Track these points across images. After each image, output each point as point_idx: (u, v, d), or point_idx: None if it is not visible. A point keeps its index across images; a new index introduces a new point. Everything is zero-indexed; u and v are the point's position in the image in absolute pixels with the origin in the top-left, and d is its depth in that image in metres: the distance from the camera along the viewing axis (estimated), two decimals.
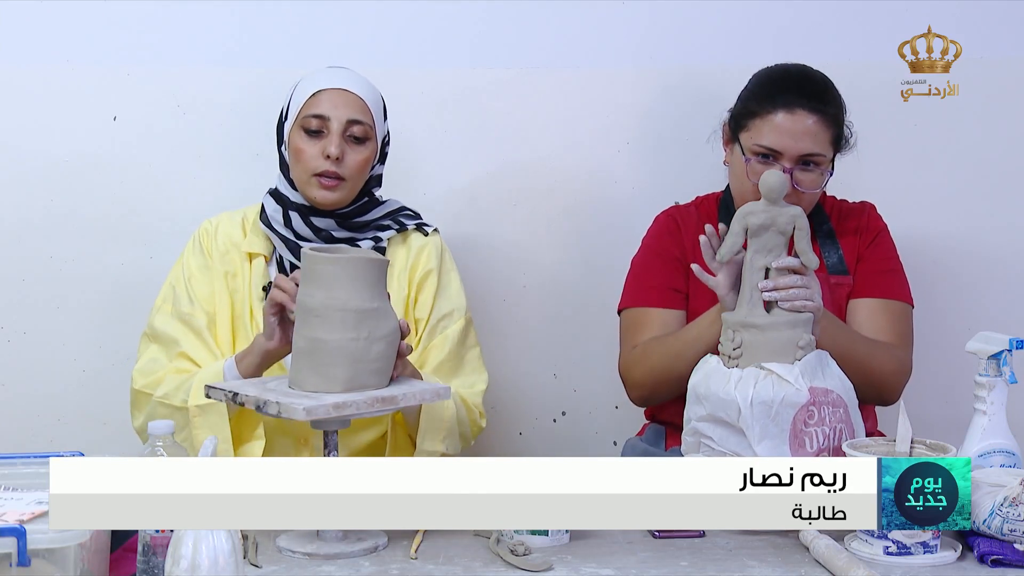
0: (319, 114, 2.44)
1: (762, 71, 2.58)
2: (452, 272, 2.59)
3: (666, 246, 2.62)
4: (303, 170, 2.45)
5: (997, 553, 1.97)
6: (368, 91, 2.50)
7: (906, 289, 2.59)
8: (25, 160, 2.86)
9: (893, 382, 2.49)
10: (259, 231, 2.52)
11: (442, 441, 2.38)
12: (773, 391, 2.09)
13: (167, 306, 2.48)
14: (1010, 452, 2.16)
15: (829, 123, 2.48)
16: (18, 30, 2.83)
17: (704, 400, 2.15)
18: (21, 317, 2.89)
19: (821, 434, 2.10)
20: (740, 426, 2.09)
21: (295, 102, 2.49)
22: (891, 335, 2.52)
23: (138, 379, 2.42)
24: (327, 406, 2.02)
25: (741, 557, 2.02)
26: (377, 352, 2.10)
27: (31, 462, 1.99)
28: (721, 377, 2.14)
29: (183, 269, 2.51)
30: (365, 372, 2.10)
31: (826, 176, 2.50)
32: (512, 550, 2.00)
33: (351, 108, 2.46)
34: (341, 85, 2.47)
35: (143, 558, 1.84)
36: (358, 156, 2.46)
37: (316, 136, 2.45)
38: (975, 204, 3.02)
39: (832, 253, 2.57)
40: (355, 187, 2.48)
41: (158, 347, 2.46)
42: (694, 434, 2.18)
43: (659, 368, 2.48)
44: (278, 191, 2.52)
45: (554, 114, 2.97)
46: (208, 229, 2.55)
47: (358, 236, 2.51)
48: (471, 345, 2.56)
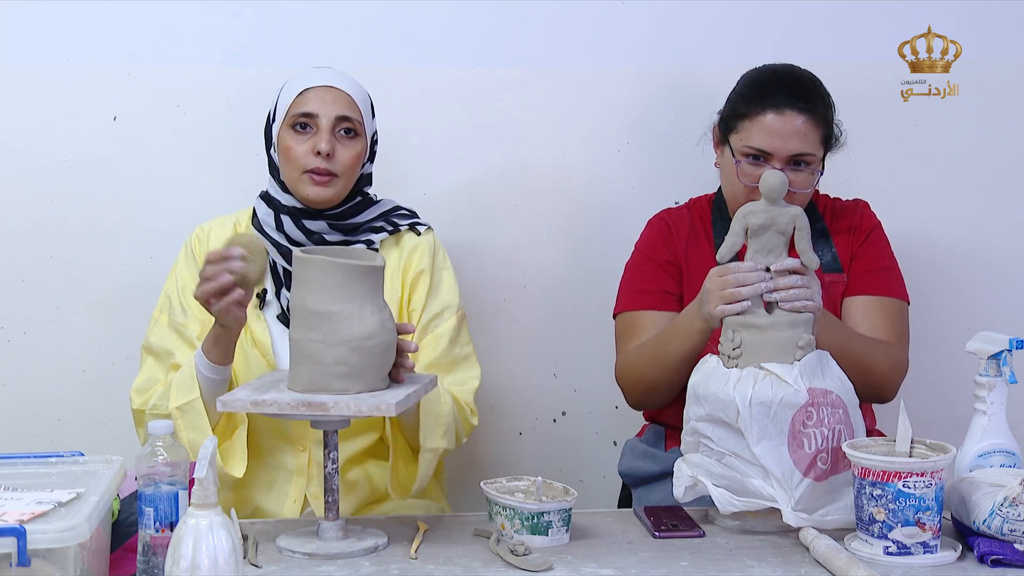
0: (308, 112, 2.44)
1: (750, 72, 2.58)
2: (445, 271, 2.58)
3: (658, 250, 2.62)
4: (294, 168, 2.45)
5: (997, 553, 1.97)
6: (355, 88, 2.50)
7: (901, 286, 2.59)
8: (25, 160, 2.86)
9: (890, 379, 2.49)
10: None
11: (443, 436, 2.38)
12: (772, 392, 2.09)
13: (163, 317, 2.48)
14: (1010, 452, 2.16)
15: (818, 122, 2.48)
16: (18, 30, 2.83)
17: (704, 400, 2.15)
18: (21, 317, 2.89)
19: (820, 435, 2.10)
20: (739, 427, 2.09)
21: (282, 102, 2.49)
22: (887, 333, 2.52)
23: (135, 398, 2.43)
24: (243, 400, 2.05)
25: (741, 557, 2.02)
26: (338, 356, 2.07)
27: (31, 462, 1.98)
28: (720, 377, 2.14)
29: (176, 279, 2.51)
30: (326, 375, 2.07)
31: (817, 175, 2.50)
32: (512, 550, 2.00)
33: (339, 104, 2.45)
34: (328, 82, 2.47)
35: (143, 558, 1.84)
36: (349, 152, 2.45)
37: (305, 133, 2.45)
38: (975, 204, 3.02)
39: (826, 251, 2.57)
40: (347, 183, 2.48)
41: (154, 360, 2.46)
42: (693, 434, 2.18)
43: (647, 376, 2.49)
44: (269, 195, 2.52)
45: (554, 114, 2.97)
46: (200, 236, 2.55)
47: (351, 238, 2.50)
48: (464, 343, 2.55)
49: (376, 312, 2.09)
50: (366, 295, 2.09)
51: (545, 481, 2.15)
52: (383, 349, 2.10)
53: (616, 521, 2.22)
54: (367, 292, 2.09)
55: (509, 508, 2.08)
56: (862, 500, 2.00)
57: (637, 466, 2.62)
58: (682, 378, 2.43)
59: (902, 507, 1.96)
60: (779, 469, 2.07)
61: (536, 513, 2.07)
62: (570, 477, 2.70)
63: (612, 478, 2.83)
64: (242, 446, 2.37)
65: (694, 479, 2.15)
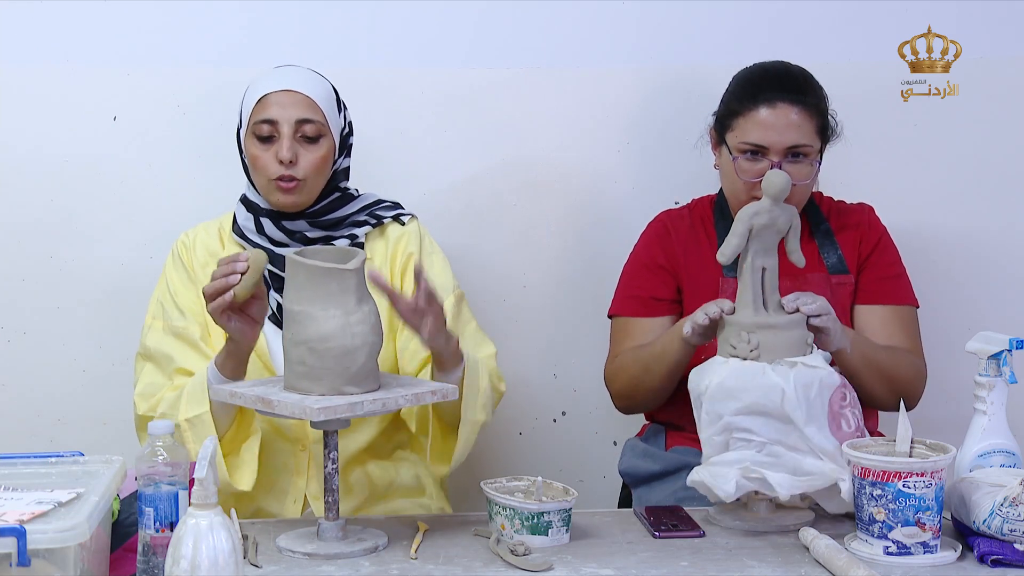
0: (268, 119, 2.43)
1: (741, 71, 2.60)
2: (434, 255, 2.55)
3: (653, 254, 2.63)
4: (261, 176, 2.44)
5: (997, 553, 1.97)
6: (316, 87, 2.48)
7: (912, 291, 2.61)
8: (25, 160, 2.86)
9: (915, 388, 2.52)
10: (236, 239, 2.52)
11: (483, 408, 2.34)
12: (810, 375, 2.11)
13: (158, 323, 2.47)
14: (1010, 452, 2.16)
15: (812, 113, 2.50)
16: (18, 30, 2.83)
17: (740, 393, 2.12)
18: (21, 317, 2.89)
19: (853, 416, 2.14)
20: (785, 410, 2.09)
21: (245, 109, 2.48)
22: (906, 341, 2.54)
23: (140, 404, 2.41)
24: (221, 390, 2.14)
25: (741, 557, 2.02)
26: (298, 355, 2.07)
27: (31, 462, 1.98)
28: (753, 369, 2.13)
29: (167, 285, 2.50)
30: (293, 374, 2.08)
31: (816, 167, 2.51)
32: (512, 550, 2.01)
33: (299, 108, 2.44)
34: (287, 86, 2.45)
35: (143, 558, 1.84)
36: (313, 156, 2.44)
37: (268, 142, 2.43)
38: (975, 204, 3.02)
39: (832, 253, 2.58)
40: (315, 186, 2.46)
41: (152, 366, 2.44)
42: (724, 432, 2.14)
43: (634, 380, 2.53)
44: (247, 198, 2.51)
45: (553, 114, 2.97)
46: (186, 243, 2.54)
47: (333, 234, 2.49)
48: (467, 320, 2.52)
49: (341, 315, 2.06)
50: (329, 297, 2.06)
51: (545, 481, 2.15)
52: (341, 352, 2.06)
53: (616, 521, 2.22)
54: (331, 294, 2.06)
55: (509, 508, 2.08)
56: (862, 500, 2.00)
57: (637, 465, 2.62)
58: (666, 387, 2.48)
59: (902, 507, 1.96)
60: (831, 447, 2.10)
61: (536, 513, 2.07)
62: (570, 477, 2.69)
63: (612, 478, 2.83)
64: (252, 458, 2.35)
65: (744, 472, 2.11)
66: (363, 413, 2.06)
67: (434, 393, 2.12)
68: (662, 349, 2.45)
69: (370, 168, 2.84)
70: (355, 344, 2.06)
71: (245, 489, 2.33)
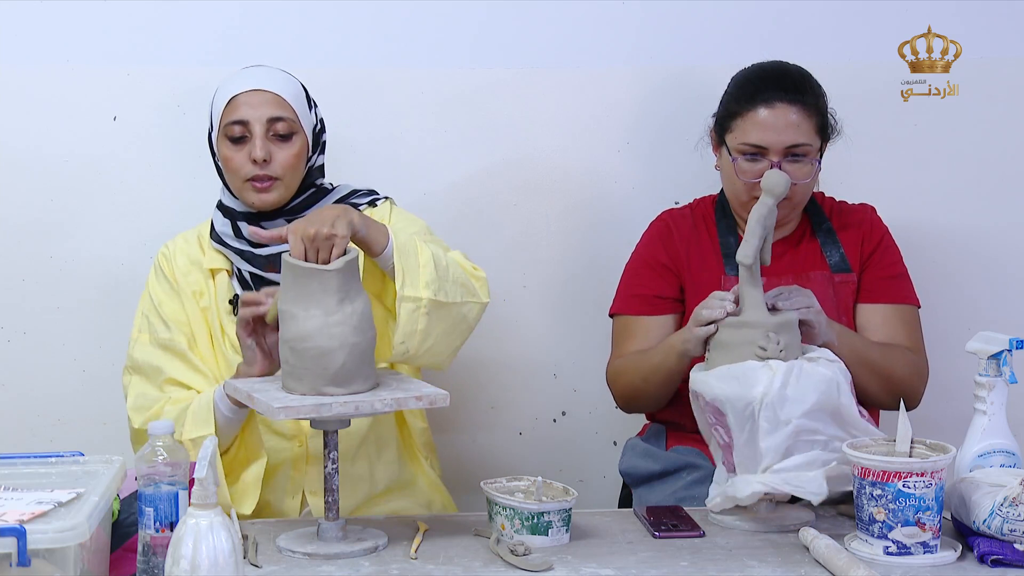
0: (238, 119, 2.43)
1: (739, 73, 2.60)
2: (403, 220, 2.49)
3: (655, 253, 2.63)
4: (235, 177, 2.44)
5: (997, 553, 1.97)
6: (285, 85, 2.47)
7: (913, 291, 2.61)
8: (25, 160, 2.86)
9: (914, 385, 2.52)
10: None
11: (426, 286, 2.21)
12: (837, 366, 2.16)
13: (144, 336, 2.48)
14: (1010, 452, 2.16)
15: (811, 112, 2.50)
16: (18, 30, 2.83)
17: (803, 394, 2.10)
18: (21, 317, 2.89)
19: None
20: (841, 402, 2.12)
21: (215, 112, 2.48)
22: (906, 340, 2.54)
23: (135, 417, 2.41)
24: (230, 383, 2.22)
25: (741, 557, 2.02)
26: (284, 355, 2.11)
27: (31, 462, 1.98)
28: (805, 368, 2.13)
29: (151, 297, 2.50)
30: (283, 372, 2.13)
31: (816, 166, 2.51)
32: (512, 550, 2.01)
33: (269, 106, 2.43)
34: (256, 86, 2.45)
35: (143, 558, 1.84)
36: (286, 153, 2.43)
37: (241, 143, 2.43)
38: (975, 204, 3.02)
39: (834, 252, 2.58)
40: (291, 184, 2.46)
41: (141, 378, 2.45)
42: (794, 436, 2.10)
43: (633, 388, 2.54)
44: (223, 203, 2.51)
45: (554, 114, 2.97)
46: (166, 254, 2.54)
47: None
48: (438, 241, 2.44)
49: (320, 316, 2.06)
50: (310, 297, 2.07)
51: (545, 481, 2.15)
52: (318, 353, 2.06)
53: (616, 521, 2.22)
54: (312, 294, 2.07)
55: (509, 508, 2.08)
56: (862, 500, 2.00)
57: (638, 465, 2.62)
58: (666, 395, 2.49)
59: (902, 507, 1.96)
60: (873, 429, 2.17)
61: (536, 513, 2.07)
62: (570, 477, 2.70)
63: (612, 478, 2.83)
64: (256, 482, 2.35)
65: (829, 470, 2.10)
66: (330, 415, 2.04)
67: (419, 399, 2.09)
68: (660, 361, 2.44)
69: (370, 168, 2.85)
70: (332, 345, 2.06)
71: (246, 513, 2.33)
